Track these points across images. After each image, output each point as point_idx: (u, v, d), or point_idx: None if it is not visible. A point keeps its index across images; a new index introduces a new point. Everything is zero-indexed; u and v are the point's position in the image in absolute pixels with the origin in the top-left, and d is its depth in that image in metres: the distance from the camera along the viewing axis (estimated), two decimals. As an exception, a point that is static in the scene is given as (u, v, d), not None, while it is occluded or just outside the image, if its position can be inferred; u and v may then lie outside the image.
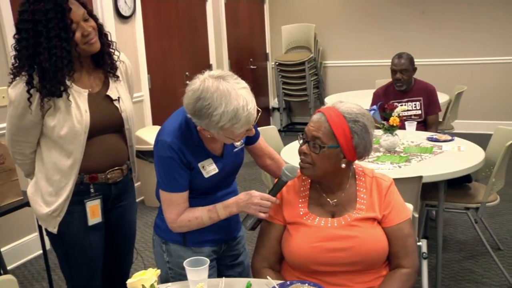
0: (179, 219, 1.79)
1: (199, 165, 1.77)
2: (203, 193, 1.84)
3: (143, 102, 4.96)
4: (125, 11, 4.62)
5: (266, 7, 7.39)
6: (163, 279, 1.94)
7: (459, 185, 3.19)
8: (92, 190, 2.01)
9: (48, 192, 1.98)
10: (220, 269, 2.00)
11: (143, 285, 1.40)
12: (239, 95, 1.58)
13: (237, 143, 1.88)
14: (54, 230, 2.01)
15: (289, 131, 7.41)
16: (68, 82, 1.89)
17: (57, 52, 1.82)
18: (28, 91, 1.85)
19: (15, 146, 2.01)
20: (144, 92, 4.95)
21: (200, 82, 1.61)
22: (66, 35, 1.83)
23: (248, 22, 7.00)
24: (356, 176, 1.82)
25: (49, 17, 1.80)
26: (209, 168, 1.79)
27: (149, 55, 4.98)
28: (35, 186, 2.04)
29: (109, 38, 2.05)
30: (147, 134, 4.58)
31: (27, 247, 3.68)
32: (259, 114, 1.69)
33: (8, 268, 3.34)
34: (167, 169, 1.74)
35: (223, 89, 1.57)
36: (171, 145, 1.72)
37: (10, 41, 3.32)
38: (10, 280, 1.67)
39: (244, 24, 6.88)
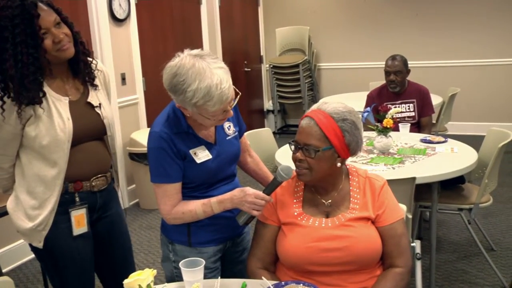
0: (173, 210, 1.80)
1: (191, 151, 1.79)
2: (201, 184, 1.85)
3: (138, 104, 4.96)
4: (120, 14, 4.63)
5: (260, 10, 7.41)
6: (168, 278, 1.96)
7: (452, 186, 3.21)
8: (77, 199, 1.95)
9: (30, 205, 1.91)
10: (227, 265, 2.01)
11: (139, 285, 1.41)
12: (213, 73, 1.63)
13: (230, 131, 1.91)
14: (40, 245, 1.94)
15: (283, 133, 7.43)
16: (46, 89, 1.84)
17: (23, 58, 1.75)
18: (1, 107, 1.78)
19: None
20: (139, 95, 4.96)
21: (178, 59, 1.67)
22: (33, 42, 1.76)
23: (243, 25, 7.02)
24: (350, 176, 1.84)
25: (15, 22, 1.73)
26: (201, 154, 1.81)
27: (144, 58, 4.99)
28: (15, 201, 1.96)
29: (86, 47, 1.98)
30: (142, 136, 4.59)
31: (22, 250, 3.66)
32: (238, 96, 1.73)
33: (3, 270, 3.34)
34: (158, 160, 1.77)
35: (199, 67, 1.63)
36: (160, 134, 1.75)
37: None
38: (6, 282, 1.67)
39: (239, 27, 6.90)
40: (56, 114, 1.86)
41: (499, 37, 6.42)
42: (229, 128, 1.92)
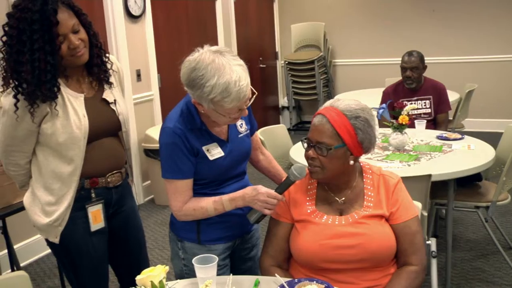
0: (184, 207, 1.81)
1: (204, 148, 1.79)
2: (212, 181, 1.85)
3: (153, 101, 4.99)
4: (135, 11, 4.65)
5: (276, 5, 7.39)
6: (177, 276, 1.96)
7: (469, 183, 3.18)
8: (93, 195, 1.97)
9: (47, 201, 1.93)
10: (236, 262, 2.01)
11: (152, 282, 1.41)
12: (233, 70, 1.62)
13: (242, 129, 1.91)
14: (56, 240, 1.96)
15: (298, 130, 7.41)
16: (61, 87, 1.84)
17: (40, 65, 1.75)
18: (15, 105, 1.79)
19: (8, 157, 1.93)
20: (154, 91, 4.98)
21: (198, 54, 1.67)
22: (50, 48, 1.75)
23: (258, 21, 7.01)
24: (363, 174, 1.82)
25: (34, 28, 1.72)
26: (214, 151, 1.81)
27: (159, 54, 5.01)
28: (32, 197, 1.98)
29: (102, 49, 1.97)
30: (157, 133, 4.55)
31: (39, 244, 3.71)
32: (254, 96, 1.72)
33: (21, 265, 3.38)
34: (171, 155, 1.77)
35: (218, 63, 1.62)
36: (173, 130, 1.75)
37: None
38: (22, 276, 1.69)
39: (254, 23, 6.89)
40: (72, 112, 1.87)
41: (518, 32, 6.33)
42: (241, 126, 1.92)
